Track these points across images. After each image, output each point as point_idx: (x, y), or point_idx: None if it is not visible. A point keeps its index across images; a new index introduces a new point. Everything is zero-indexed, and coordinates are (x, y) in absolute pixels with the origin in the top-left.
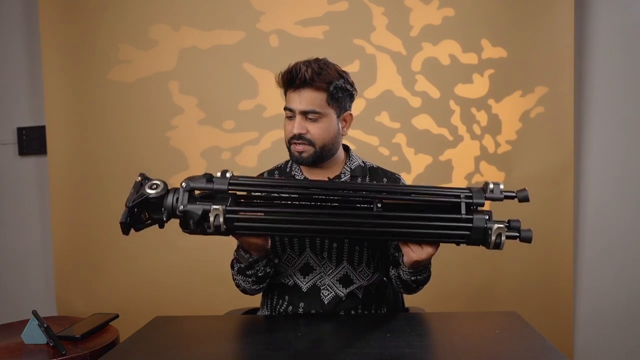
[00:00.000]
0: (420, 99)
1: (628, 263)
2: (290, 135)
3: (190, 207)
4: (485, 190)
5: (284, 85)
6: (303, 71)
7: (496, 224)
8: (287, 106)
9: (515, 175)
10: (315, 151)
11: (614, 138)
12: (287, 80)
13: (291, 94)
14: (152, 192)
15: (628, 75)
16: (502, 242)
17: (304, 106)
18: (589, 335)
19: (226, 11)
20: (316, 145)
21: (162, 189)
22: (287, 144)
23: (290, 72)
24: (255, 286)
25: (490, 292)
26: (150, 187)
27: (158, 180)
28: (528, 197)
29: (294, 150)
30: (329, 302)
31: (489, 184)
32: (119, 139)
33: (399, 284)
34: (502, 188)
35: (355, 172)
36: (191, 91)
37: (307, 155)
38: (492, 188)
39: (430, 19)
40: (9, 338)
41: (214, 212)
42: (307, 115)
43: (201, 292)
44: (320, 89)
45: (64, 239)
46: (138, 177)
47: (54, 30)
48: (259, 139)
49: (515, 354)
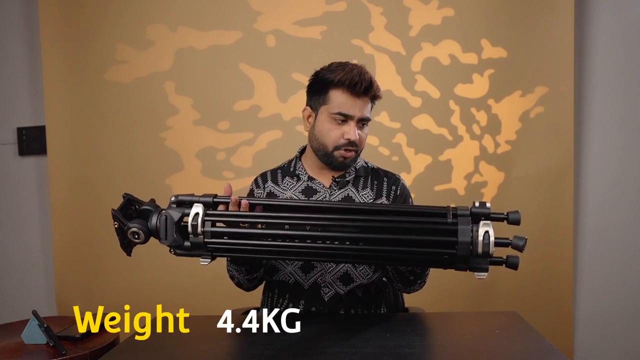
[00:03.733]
0: (420, 99)
1: (628, 263)
2: (344, 142)
3: (179, 252)
4: (474, 243)
5: (343, 87)
6: (369, 80)
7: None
8: (343, 111)
9: (515, 175)
10: (356, 156)
11: (614, 138)
12: (356, 86)
13: (350, 100)
14: (137, 241)
15: (628, 75)
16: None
17: (364, 114)
18: (589, 335)
19: (224, 11)
20: (359, 151)
21: (144, 238)
22: (330, 148)
23: (362, 79)
24: (249, 276)
25: (490, 292)
26: (133, 236)
27: (135, 227)
28: (522, 248)
29: (341, 155)
30: (329, 299)
31: (477, 236)
32: (117, 139)
33: (396, 277)
34: (493, 241)
35: (359, 172)
36: (187, 92)
37: (351, 160)
38: (481, 252)
39: (430, 19)
40: (9, 338)
41: (203, 264)
42: (361, 122)
43: (201, 292)
44: (373, 99)
45: (64, 239)
46: (115, 224)
47: (54, 30)
48: (255, 139)
49: (515, 354)
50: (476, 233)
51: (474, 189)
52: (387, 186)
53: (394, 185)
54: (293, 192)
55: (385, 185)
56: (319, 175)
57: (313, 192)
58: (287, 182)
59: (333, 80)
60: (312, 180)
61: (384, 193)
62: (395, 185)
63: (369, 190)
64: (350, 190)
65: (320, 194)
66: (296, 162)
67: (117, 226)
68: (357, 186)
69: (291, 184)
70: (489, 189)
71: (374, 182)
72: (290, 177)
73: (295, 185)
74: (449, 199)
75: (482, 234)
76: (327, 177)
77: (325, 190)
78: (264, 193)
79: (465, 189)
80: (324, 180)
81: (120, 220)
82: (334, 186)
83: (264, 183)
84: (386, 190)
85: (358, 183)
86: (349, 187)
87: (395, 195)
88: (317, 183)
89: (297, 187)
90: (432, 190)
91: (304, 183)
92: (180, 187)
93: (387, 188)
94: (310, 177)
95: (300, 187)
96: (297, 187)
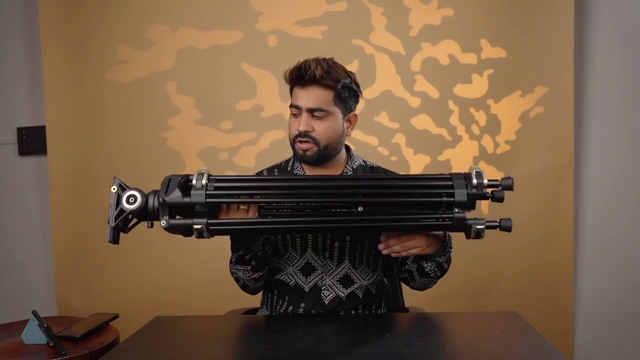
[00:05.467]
0: (419, 99)
1: (628, 263)
2: (296, 133)
3: (172, 222)
4: (468, 183)
5: (292, 82)
6: (313, 68)
7: (476, 225)
8: (293, 103)
9: (515, 175)
10: (319, 150)
11: (614, 138)
12: (296, 76)
13: (298, 91)
14: (131, 206)
15: (628, 75)
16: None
17: (311, 103)
18: (589, 335)
19: (225, 11)
20: (320, 144)
21: (140, 201)
22: (292, 141)
23: (300, 68)
24: (255, 274)
25: (490, 292)
26: (127, 200)
27: (134, 191)
28: (512, 186)
29: (298, 147)
30: (330, 302)
31: (471, 177)
32: (118, 139)
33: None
34: (486, 182)
35: (357, 171)
36: (188, 91)
37: (311, 153)
38: (476, 184)
39: (430, 19)
40: (9, 338)
41: (197, 228)
42: (313, 113)
43: (201, 292)
44: (328, 88)
45: (64, 239)
46: (113, 187)
47: (54, 30)
48: (257, 139)
49: (515, 354)
50: (469, 177)
51: None
52: None
53: None
54: None
55: None
56: (314, 174)
57: None
58: None
59: (286, 78)
60: None
61: None
62: None
63: None
64: None
65: None
66: (294, 162)
67: (115, 190)
68: None
69: None
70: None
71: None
72: (268, 176)
73: None
74: None
75: (474, 172)
76: None
77: None
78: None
79: None
80: None
81: (121, 184)
82: None
83: None
84: None
85: None
86: None
87: None
88: None
89: None
90: None
91: None
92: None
93: None
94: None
95: None
96: None
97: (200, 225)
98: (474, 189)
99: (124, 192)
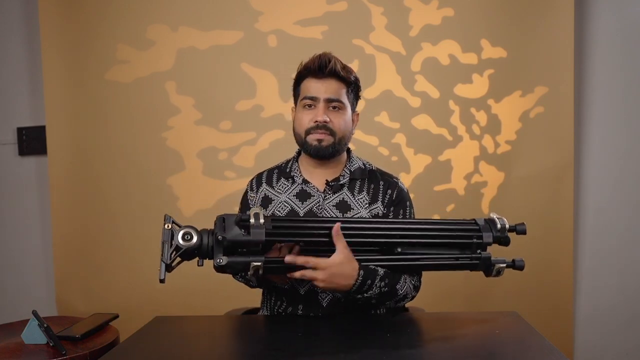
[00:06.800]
0: (419, 99)
1: (628, 263)
2: (312, 124)
3: (230, 261)
4: (492, 227)
5: (309, 74)
6: (333, 60)
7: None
8: (309, 95)
9: (515, 175)
10: (334, 142)
11: (614, 138)
12: (317, 67)
13: (314, 83)
14: (187, 244)
15: (628, 75)
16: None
17: (330, 94)
18: (589, 335)
19: (225, 11)
20: (337, 135)
21: (197, 239)
22: (303, 135)
23: (320, 59)
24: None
25: (490, 292)
26: (183, 238)
27: (190, 229)
28: (525, 231)
29: (312, 139)
30: (327, 304)
31: (496, 222)
32: (118, 139)
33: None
34: (507, 226)
35: (354, 174)
36: (188, 91)
37: (327, 144)
38: (500, 227)
39: (430, 19)
40: (9, 338)
41: (254, 266)
42: (331, 104)
43: (201, 292)
44: (343, 81)
45: (64, 239)
46: (166, 225)
47: (54, 30)
48: (257, 139)
49: (515, 354)
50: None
51: (473, 189)
52: (382, 190)
53: (390, 189)
54: (287, 196)
55: (381, 189)
56: (313, 176)
57: (307, 196)
58: (282, 184)
59: (301, 71)
60: (306, 184)
61: (379, 197)
62: (391, 189)
63: (365, 194)
64: (345, 194)
65: (314, 199)
66: (293, 163)
67: (169, 227)
68: (353, 190)
69: (286, 186)
70: (488, 189)
71: (370, 185)
72: (286, 179)
73: (290, 188)
74: (448, 199)
75: (496, 217)
76: (321, 179)
77: (319, 195)
78: (257, 197)
79: (464, 189)
80: (318, 184)
81: (174, 221)
82: (327, 190)
83: (259, 187)
84: (382, 194)
85: (354, 187)
86: (344, 191)
87: (390, 199)
88: (311, 187)
89: (292, 190)
90: (431, 190)
91: (298, 186)
92: (181, 187)
93: (383, 192)
94: (304, 180)
95: (295, 190)
96: (291, 190)
97: (258, 263)
98: (498, 233)
99: (178, 230)
